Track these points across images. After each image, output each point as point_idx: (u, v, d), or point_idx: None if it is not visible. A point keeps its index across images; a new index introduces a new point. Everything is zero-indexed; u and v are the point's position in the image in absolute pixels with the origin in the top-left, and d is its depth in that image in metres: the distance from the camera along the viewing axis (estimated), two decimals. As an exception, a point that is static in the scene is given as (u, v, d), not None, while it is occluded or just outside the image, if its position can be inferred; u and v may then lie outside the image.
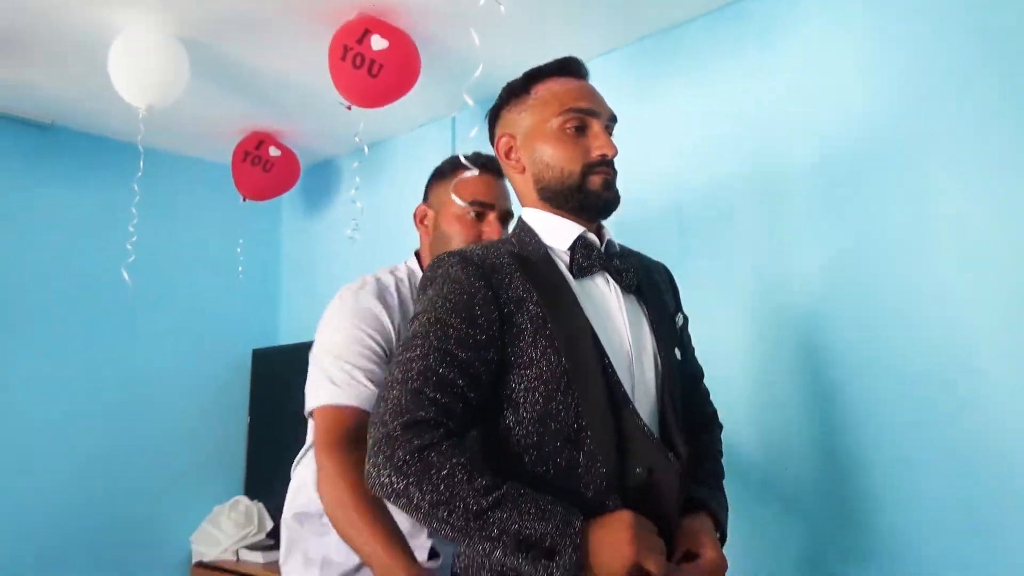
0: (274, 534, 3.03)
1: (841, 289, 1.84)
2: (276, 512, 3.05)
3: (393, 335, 1.42)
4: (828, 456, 1.83)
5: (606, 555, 0.98)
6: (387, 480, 1.00)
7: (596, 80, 1.28)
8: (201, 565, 2.96)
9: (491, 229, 1.48)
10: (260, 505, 3.06)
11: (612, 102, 1.26)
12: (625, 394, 1.11)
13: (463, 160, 1.49)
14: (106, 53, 2.17)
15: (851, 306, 1.82)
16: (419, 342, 1.07)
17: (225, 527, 2.97)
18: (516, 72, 1.26)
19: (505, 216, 1.51)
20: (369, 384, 1.34)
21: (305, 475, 1.50)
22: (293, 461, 1.58)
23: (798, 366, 1.90)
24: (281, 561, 1.52)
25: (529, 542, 0.96)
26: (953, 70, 1.72)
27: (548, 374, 1.08)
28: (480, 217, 1.48)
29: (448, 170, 1.54)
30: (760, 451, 1.94)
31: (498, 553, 0.97)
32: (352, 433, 1.30)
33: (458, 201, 1.46)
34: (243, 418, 3.27)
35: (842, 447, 1.80)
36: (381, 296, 1.44)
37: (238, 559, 2.91)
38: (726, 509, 1.25)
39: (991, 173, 1.65)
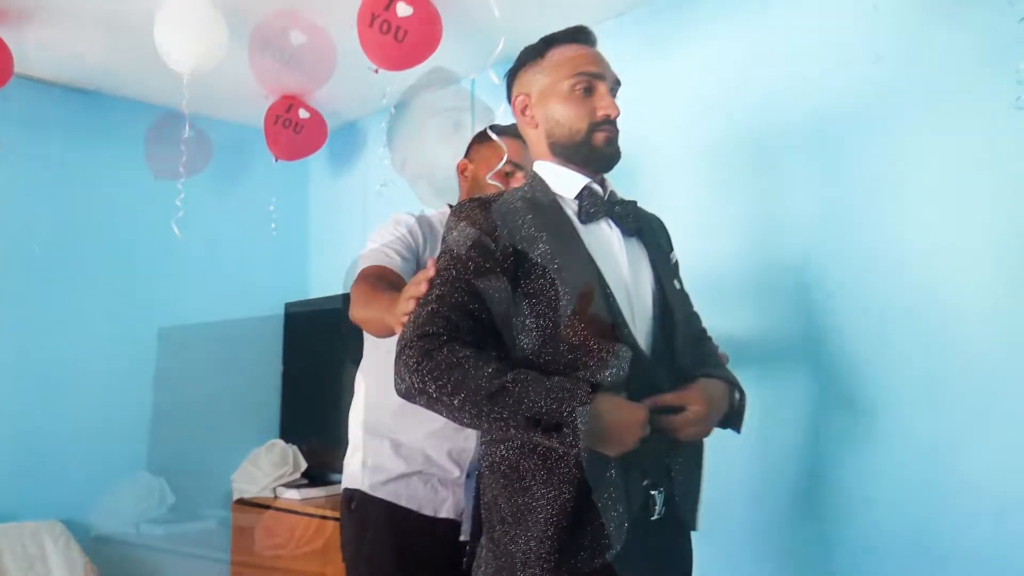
0: (308, 474, 3.25)
1: (832, 236, 1.99)
2: (309, 454, 3.27)
3: (421, 240, 1.71)
4: (818, 387, 2.00)
5: (624, 413, 1.16)
6: (408, 380, 1.18)
7: (608, 41, 1.43)
8: (242, 501, 3.19)
9: (517, 183, 1.76)
10: (294, 448, 3.26)
11: (621, 60, 1.41)
12: (624, 320, 1.26)
13: (495, 130, 1.82)
14: (147, 22, 2.32)
15: (842, 251, 1.97)
16: (443, 275, 1.24)
17: (263, 467, 3.18)
18: (531, 36, 1.40)
19: None
20: (392, 253, 1.62)
21: (366, 388, 1.80)
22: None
23: (792, 307, 2.06)
24: (345, 461, 1.80)
25: (537, 418, 1.12)
26: (931, 27, 1.86)
27: (556, 302, 1.24)
28: (509, 175, 1.79)
29: (487, 135, 1.86)
30: (756, 383, 2.10)
31: (512, 431, 1.15)
32: (372, 272, 1.59)
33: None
34: (278, 368, 3.49)
35: (829, 380, 1.97)
36: (416, 217, 1.78)
37: (276, 496, 3.13)
38: (729, 374, 1.41)
39: (969, 123, 1.79)
